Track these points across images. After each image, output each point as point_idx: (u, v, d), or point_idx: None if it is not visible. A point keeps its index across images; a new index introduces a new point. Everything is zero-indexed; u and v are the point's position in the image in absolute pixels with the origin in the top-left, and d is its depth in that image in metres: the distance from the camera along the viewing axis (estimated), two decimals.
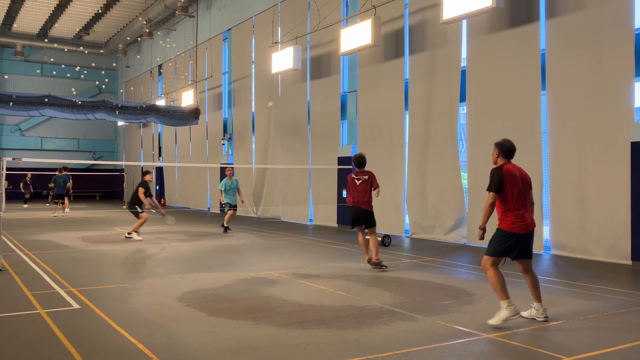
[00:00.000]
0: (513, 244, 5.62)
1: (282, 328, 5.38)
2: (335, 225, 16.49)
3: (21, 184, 25.67)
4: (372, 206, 9.09)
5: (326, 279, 8.02)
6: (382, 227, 14.40)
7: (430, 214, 13.31)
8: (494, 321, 5.47)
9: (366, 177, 9.03)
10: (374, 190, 9.13)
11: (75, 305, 6.29)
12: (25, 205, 25.49)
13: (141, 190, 12.76)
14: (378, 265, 8.78)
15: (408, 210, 14.03)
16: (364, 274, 8.58)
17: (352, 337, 5.07)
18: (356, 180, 9.06)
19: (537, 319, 5.70)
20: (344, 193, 16.12)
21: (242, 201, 15.19)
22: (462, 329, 5.40)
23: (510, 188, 5.59)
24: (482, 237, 5.65)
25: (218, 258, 10.27)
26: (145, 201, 12.75)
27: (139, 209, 12.78)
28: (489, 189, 5.62)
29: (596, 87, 10.06)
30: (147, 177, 12.99)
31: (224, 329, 5.38)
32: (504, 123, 11.59)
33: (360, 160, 9.17)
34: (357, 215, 8.97)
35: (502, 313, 5.46)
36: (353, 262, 9.71)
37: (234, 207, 14.83)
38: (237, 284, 7.65)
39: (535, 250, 10.93)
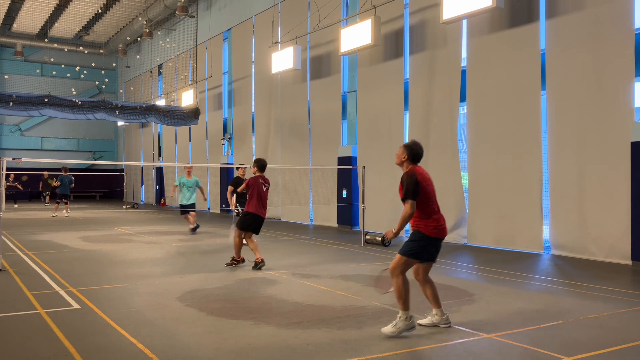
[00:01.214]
0: (429, 248, 5.29)
1: (282, 328, 5.38)
2: (335, 225, 16.49)
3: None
4: None
5: (326, 279, 8.02)
6: (382, 227, 14.41)
7: None
8: (389, 331, 5.06)
9: (268, 185, 9.03)
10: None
11: (75, 305, 6.29)
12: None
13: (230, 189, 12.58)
14: (261, 263, 8.81)
15: None
16: (364, 274, 8.58)
17: (352, 337, 5.07)
18: (263, 186, 8.90)
19: (441, 325, 5.38)
20: (344, 193, 16.13)
21: (205, 199, 14.74)
22: (462, 329, 5.40)
23: (424, 191, 5.28)
24: (387, 244, 5.57)
25: (218, 258, 10.27)
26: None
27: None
28: (407, 197, 5.20)
29: (596, 87, 10.06)
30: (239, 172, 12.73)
31: (224, 329, 5.38)
32: (504, 123, 11.60)
33: (264, 164, 9.10)
34: (259, 223, 8.87)
35: (400, 324, 5.07)
36: (353, 262, 9.71)
37: (189, 207, 14.08)
38: (237, 284, 7.65)
39: (535, 250, 10.96)
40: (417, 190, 5.21)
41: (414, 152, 5.46)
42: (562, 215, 10.62)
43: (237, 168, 13.41)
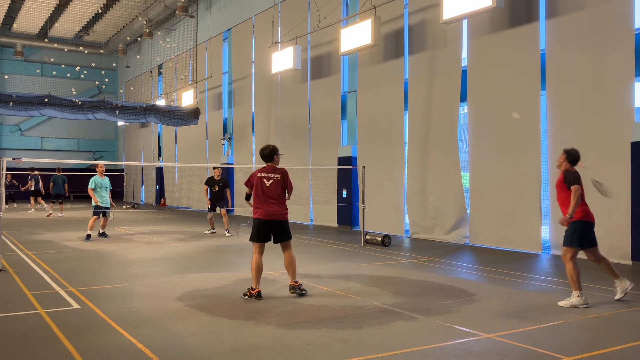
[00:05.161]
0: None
1: (282, 328, 5.38)
2: (335, 225, 16.49)
3: None
4: (287, 214, 7.03)
5: (326, 279, 8.02)
6: (382, 227, 14.42)
7: (430, 214, 13.31)
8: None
9: (278, 175, 6.93)
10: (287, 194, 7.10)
11: (75, 305, 6.29)
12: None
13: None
14: (297, 289, 6.86)
15: (408, 210, 14.03)
16: (364, 274, 8.58)
17: (352, 337, 5.07)
18: (265, 180, 6.88)
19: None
20: (344, 193, 16.13)
21: (113, 205, 13.54)
22: (462, 329, 5.40)
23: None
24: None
25: (218, 258, 10.27)
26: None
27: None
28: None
29: (596, 87, 10.06)
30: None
31: (224, 329, 5.38)
32: (505, 123, 11.61)
33: (264, 153, 7.04)
34: (268, 230, 6.89)
35: None
36: (353, 262, 9.71)
37: (107, 210, 13.14)
38: (237, 284, 7.65)
39: (534, 250, 10.96)
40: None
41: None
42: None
43: (214, 168, 14.30)
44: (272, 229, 6.88)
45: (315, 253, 10.91)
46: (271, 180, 6.86)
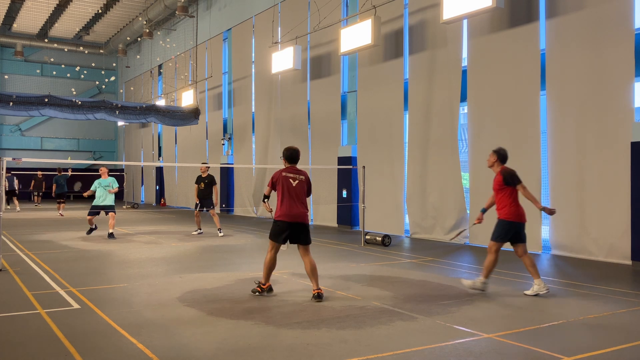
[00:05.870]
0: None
1: (282, 328, 5.38)
2: (335, 225, 16.49)
3: None
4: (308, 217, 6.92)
5: (326, 279, 8.02)
6: (382, 227, 14.42)
7: (430, 214, 13.31)
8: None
9: (302, 177, 6.88)
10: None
11: (75, 305, 6.29)
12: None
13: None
14: (321, 297, 6.61)
15: (408, 210, 14.03)
16: (364, 274, 8.58)
17: (352, 337, 5.07)
18: (291, 180, 6.81)
19: None
20: (344, 193, 16.12)
21: (111, 191, 12.91)
22: (462, 329, 5.40)
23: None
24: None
25: (218, 258, 10.27)
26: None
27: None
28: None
29: (596, 87, 10.06)
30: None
31: (224, 329, 5.38)
32: (504, 123, 11.61)
33: (292, 154, 6.96)
34: (290, 232, 6.76)
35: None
36: (353, 262, 9.71)
37: (106, 208, 12.87)
38: (237, 284, 7.65)
39: (534, 251, 10.95)
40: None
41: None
42: (562, 215, 10.60)
43: (203, 164, 14.42)
44: (294, 231, 6.76)
45: (315, 253, 10.85)
46: (297, 181, 6.80)
